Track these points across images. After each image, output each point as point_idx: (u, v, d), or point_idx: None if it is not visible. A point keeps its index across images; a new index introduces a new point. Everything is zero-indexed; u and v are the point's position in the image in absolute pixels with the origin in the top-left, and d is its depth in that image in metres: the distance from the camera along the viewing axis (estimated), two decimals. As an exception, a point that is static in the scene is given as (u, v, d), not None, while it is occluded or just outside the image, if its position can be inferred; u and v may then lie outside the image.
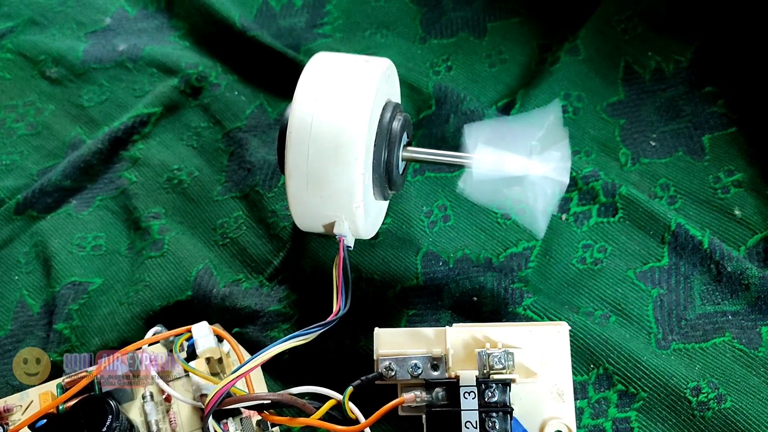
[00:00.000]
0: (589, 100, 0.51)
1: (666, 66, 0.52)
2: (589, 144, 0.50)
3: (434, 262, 0.45)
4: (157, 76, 0.57)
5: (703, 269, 0.43)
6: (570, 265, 0.45)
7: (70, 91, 0.58)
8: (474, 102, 0.50)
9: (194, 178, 0.52)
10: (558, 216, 0.47)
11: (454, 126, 0.50)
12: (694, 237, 0.44)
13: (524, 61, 0.55)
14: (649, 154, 0.49)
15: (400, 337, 0.39)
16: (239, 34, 0.56)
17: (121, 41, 0.60)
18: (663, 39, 0.53)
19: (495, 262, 0.45)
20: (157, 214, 0.50)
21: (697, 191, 0.47)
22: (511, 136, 0.39)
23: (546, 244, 0.46)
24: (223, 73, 0.56)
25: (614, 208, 0.46)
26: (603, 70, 0.52)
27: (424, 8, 0.58)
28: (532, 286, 0.44)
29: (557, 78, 0.52)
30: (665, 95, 0.51)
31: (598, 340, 0.41)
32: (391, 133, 0.40)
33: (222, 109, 0.54)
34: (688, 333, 0.42)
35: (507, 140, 0.39)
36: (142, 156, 0.53)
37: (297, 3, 0.60)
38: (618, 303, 0.43)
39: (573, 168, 0.47)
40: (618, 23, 0.53)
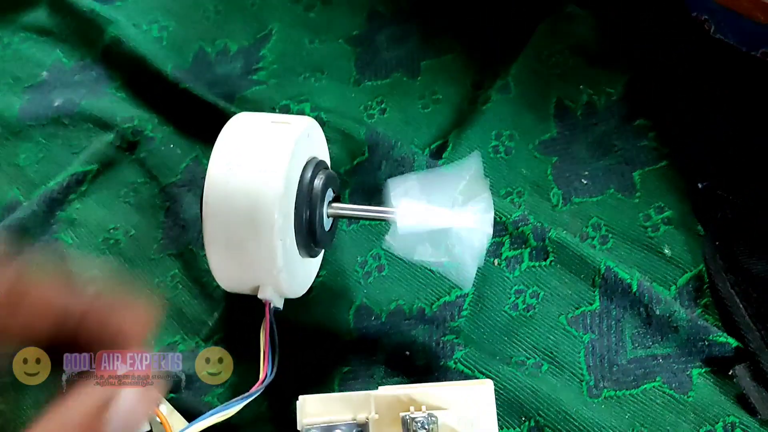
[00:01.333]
0: (521, 139, 0.51)
1: (598, 99, 0.51)
2: (521, 184, 0.49)
3: (366, 316, 0.45)
4: (93, 131, 0.57)
5: (633, 312, 0.43)
6: (503, 312, 0.45)
7: (7, 150, 0.58)
8: (404, 148, 0.50)
9: (130, 237, 0.51)
10: (491, 261, 0.46)
11: (386, 173, 0.50)
12: (623, 280, 0.43)
13: (457, 100, 0.54)
14: (580, 193, 0.48)
15: (326, 403, 0.39)
16: (172, 86, 0.56)
17: (57, 96, 0.59)
18: (594, 72, 0.52)
19: (428, 313, 0.45)
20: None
21: (627, 230, 0.46)
22: (434, 189, 0.39)
23: (479, 290, 0.46)
24: (159, 125, 0.56)
25: (545, 252, 0.46)
26: (534, 106, 0.52)
27: (358, 48, 0.58)
28: (464, 337, 0.44)
29: (488, 117, 0.52)
30: (597, 129, 0.50)
31: (529, 393, 0.41)
32: (313, 192, 0.40)
33: (158, 164, 0.54)
34: (619, 379, 0.42)
35: (430, 194, 0.39)
36: (78, 216, 0.53)
37: (232, 48, 0.60)
38: (550, 350, 0.43)
39: (503, 212, 0.47)
40: (548, 57, 0.53)
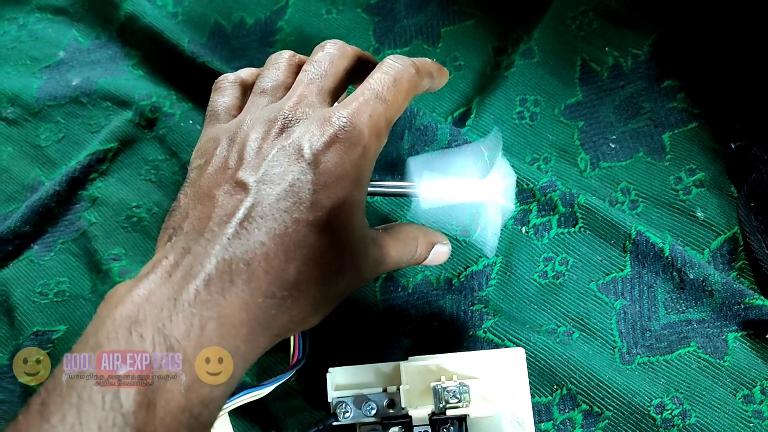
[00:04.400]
0: (546, 104, 0.50)
1: (624, 61, 0.50)
2: (548, 150, 0.48)
3: (393, 287, 0.45)
4: (111, 109, 0.56)
5: (665, 277, 0.42)
6: (531, 280, 0.44)
7: (27, 131, 0.57)
8: (427, 116, 0.49)
9: (153, 214, 0.51)
10: (518, 229, 0.46)
11: (408, 143, 0.49)
12: (655, 244, 0.42)
13: (479, 66, 0.53)
14: (608, 158, 0.47)
15: (355, 374, 0.39)
16: (189, 61, 0.55)
17: (74, 75, 0.59)
18: (620, 33, 0.51)
19: (455, 283, 0.45)
20: (117, 255, 0.50)
21: (658, 194, 0.45)
22: (455, 165, 0.39)
23: (506, 259, 0.45)
24: (177, 102, 0.55)
25: (574, 218, 0.45)
26: (559, 70, 0.51)
27: (376, 17, 0.57)
28: (492, 307, 0.43)
29: (512, 83, 0.50)
30: (624, 92, 0.49)
31: (561, 360, 0.40)
32: None
33: (178, 140, 0.54)
34: (652, 345, 0.41)
35: (451, 169, 0.39)
36: (101, 195, 0.53)
37: (248, 21, 0.59)
38: (581, 318, 0.42)
39: (530, 179, 0.46)
40: (572, 20, 0.52)
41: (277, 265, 0.30)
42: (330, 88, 0.36)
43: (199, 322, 0.28)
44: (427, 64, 0.38)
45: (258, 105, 0.36)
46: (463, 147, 0.46)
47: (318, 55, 0.37)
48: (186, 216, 0.32)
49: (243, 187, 0.32)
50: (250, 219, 0.31)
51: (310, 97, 0.35)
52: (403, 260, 0.36)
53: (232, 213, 0.31)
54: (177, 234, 0.32)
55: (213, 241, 0.30)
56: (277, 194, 0.31)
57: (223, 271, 0.29)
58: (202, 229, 0.31)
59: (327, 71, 0.36)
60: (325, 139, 0.32)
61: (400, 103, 0.35)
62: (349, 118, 0.33)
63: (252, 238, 0.30)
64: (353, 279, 0.33)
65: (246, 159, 0.33)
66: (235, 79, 0.40)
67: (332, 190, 0.32)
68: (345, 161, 0.32)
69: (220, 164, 0.34)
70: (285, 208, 0.31)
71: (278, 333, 0.32)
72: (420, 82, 0.37)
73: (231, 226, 0.30)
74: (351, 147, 0.32)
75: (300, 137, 0.32)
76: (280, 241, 0.30)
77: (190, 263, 0.30)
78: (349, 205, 0.32)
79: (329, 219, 0.32)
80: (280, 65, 0.39)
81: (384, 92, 0.34)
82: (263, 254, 0.30)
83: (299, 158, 0.32)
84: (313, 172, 0.31)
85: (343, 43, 0.38)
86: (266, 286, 0.30)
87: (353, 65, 0.38)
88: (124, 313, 0.28)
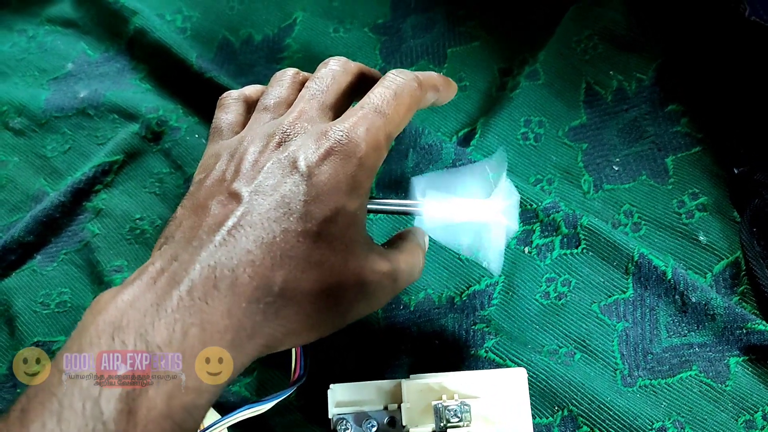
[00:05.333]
0: (550, 125, 0.50)
1: (628, 85, 0.50)
2: (551, 171, 0.49)
3: (395, 305, 0.45)
4: (118, 122, 0.57)
5: (668, 300, 0.42)
6: (534, 300, 0.44)
7: (33, 141, 0.58)
8: (432, 135, 0.50)
9: (156, 227, 0.51)
10: (521, 249, 0.46)
11: (413, 162, 0.49)
12: (657, 267, 0.43)
13: (485, 87, 0.54)
14: (612, 180, 0.48)
15: (356, 391, 0.39)
16: (197, 76, 0.56)
17: (82, 87, 0.59)
18: (624, 57, 0.51)
19: (458, 301, 0.45)
20: (120, 267, 0.50)
21: (661, 217, 0.46)
22: (459, 184, 0.39)
23: (509, 279, 0.45)
24: (184, 116, 0.56)
25: (577, 239, 0.45)
26: (564, 93, 0.51)
27: (383, 37, 0.58)
28: (494, 326, 0.43)
29: (517, 104, 0.51)
30: (628, 116, 0.50)
31: (562, 381, 0.40)
32: None
33: (183, 154, 0.54)
34: (654, 368, 0.41)
35: (455, 188, 0.39)
36: (105, 207, 0.53)
37: (256, 38, 0.59)
38: (583, 339, 0.42)
39: (534, 199, 0.46)
40: (577, 44, 0.52)
41: (263, 272, 0.30)
42: (331, 103, 0.36)
43: (181, 327, 0.28)
44: (431, 78, 0.38)
45: (260, 121, 0.37)
46: (468, 166, 0.46)
47: (321, 72, 0.38)
48: (179, 225, 0.33)
49: (236, 198, 0.32)
50: (239, 227, 0.31)
51: (310, 113, 0.35)
52: (415, 273, 0.37)
53: (221, 222, 0.31)
54: (168, 243, 0.32)
55: (200, 248, 0.30)
56: (269, 204, 0.31)
57: (207, 276, 0.29)
58: (192, 238, 0.31)
59: (329, 87, 0.37)
60: (320, 152, 0.32)
61: (400, 117, 0.35)
62: (346, 131, 0.33)
63: (239, 245, 0.30)
64: (359, 296, 0.33)
65: (242, 171, 0.33)
66: (239, 96, 0.41)
67: (325, 202, 0.32)
68: (339, 174, 0.32)
69: (217, 177, 0.34)
70: (275, 218, 0.31)
71: (266, 343, 0.31)
72: (423, 96, 0.37)
73: (219, 234, 0.31)
74: (346, 160, 0.32)
75: (296, 150, 0.33)
76: (267, 249, 0.30)
77: (176, 270, 0.30)
78: (344, 217, 0.32)
79: (321, 230, 0.32)
80: (284, 82, 0.39)
81: (383, 106, 0.34)
82: (249, 261, 0.30)
83: (293, 170, 0.32)
84: (306, 183, 0.32)
85: (346, 59, 0.38)
86: (251, 291, 0.30)
87: (356, 81, 0.38)
88: (107, 318, 0.28)
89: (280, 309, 0.31)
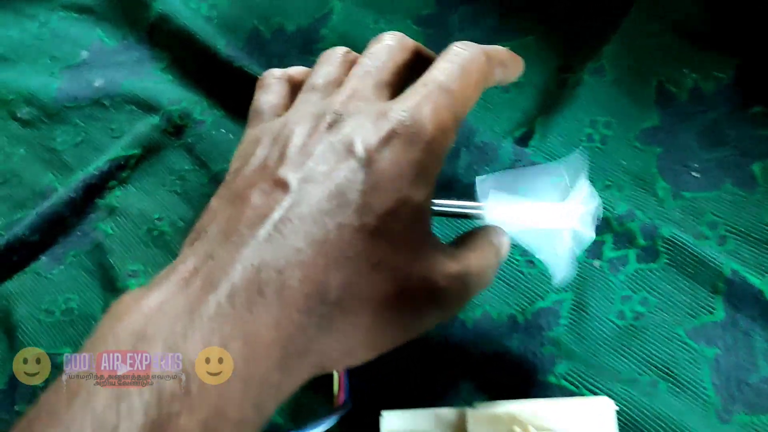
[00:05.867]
0: (619, 127, 0.45)
1: (705, 85, 0.45)
2: (621, 177, 0.43)
3: (450, 323, 0.39)
4: (136, 113, 0.52)
5: (764, 324, 0.37)
6: (607, 321, 0.39)
7: (42, 132, 0.53)
8: (487, 133, 0.45)
9: (177, 228, 0.46)
10: (590, 263, 0.40)
11: (465, 161, 0.44)
12: (752, 285, 0.37)
13: (542, 84, 0.49)
14: (692, 188, 0.42)
15: (412, 420, 0.34)
16: (225, 65, 0.51)
17: (97, 76, 0.54)
18: (700, 54, 0.46)
19: (520, 320, 0.39)
20: (135, 272, 0.44)
21: (750, 230, 0.40)
22: (529, 186, 0.34)
23: (578, 296, 0.40)
24: (209, 108, 0.51)
25: (655, 252, 0.40)
26: (634, 91, 0.46)
27: (429, 30, 0.53)
28: (564, 349, 0.38)
29: (581, 102, 0.46)
30: (706, 118, 0.44)
31: (648, 415, 0.35)
32: None
33: (208, 150, 0.49)
34: (753, 402, 0.35)
35: (524, 190, 0.34)
36: (120, 205, 0.48)
37: (289, 28, 0.55)
38: (667, 366, 0.37)
39: (606, 206, 0.41)
40: (648, 37, 0.47)
41: (316, 275, 0.25)
42: (387, 81, 0.32)
43: (220, 341, 0.23)
44: (499, 52, 0.34)
45: (307, 102, 0.32)
46: (539, 166, 0.41)
47: (374, 47, 0.33)
48: (214, 218, 0.28)
49: (282, 186, 0.27)
50: (287, 221, 0.26)
51: (365, 91, 0.31)
52: (486, 276, 0.32)
53: (266, 214, 0.26)
54: (201, 238, 0.27)
55: (241, 244, 0.25)
56: (321, 194, 0.27)
57: (250, 279, 0.24)
58: (230, 232, 0.26)
59: (384, 64, 0.32)
60: (380, 134, 0.28)
61: (468, 95, 0.31)
62: (409, 111, 0.28)
63: (287, 242, 0.25)
64: (427, 304, 0.28)
65: (288, 156, 0.28)
66: (282, 75, 0.36)
67: (386, 193, 0.27)
68: (402, 160, 0.28)
69: (258, 164, 0.29)
70: (328, 211, 0.26)
71: (319, 363, 0.27)
72: (491, 72, 0.33)
73: (264, 229, 0.26)
74: (411, 144, 0.28)
75: (351, 133, 0.28)
76: (319, 248, 0.26)
77: (212, 270, 0.25)
78: (409, 210, 0.28)
79: (381, 225, 0.27)
80: (333, 60, 0.35)
81: (449, 83, 0.30)
82: (298, 261, 0.25)
83: (349, 155, 0.28)
84: (365, 171, 0.27)
85: (402, 35, 0.34)
86: (302, 298, 0.25)
87: (414, 60, 0.34)
88: (129, 327, 0.23)
89: (335, 321, 0.26)
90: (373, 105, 0.30)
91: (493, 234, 0.33)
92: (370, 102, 0.30)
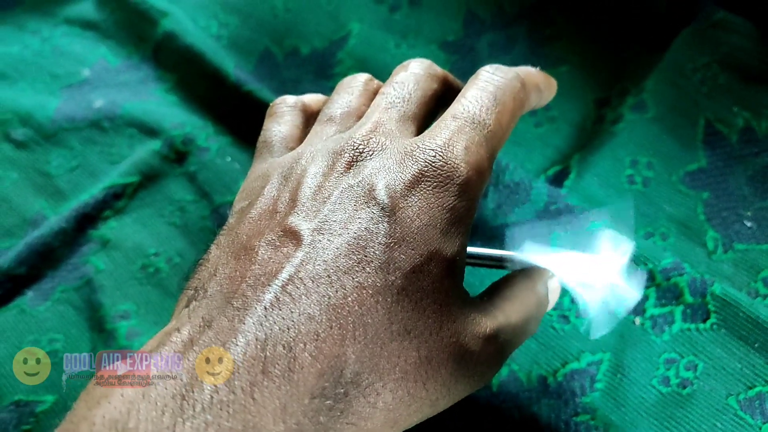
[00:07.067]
0: (662, 168, 0.41)
1: (757, 124, 0.41)
2: (665, 224, 0.39)
3: (472, 383, 0.35)
4: (136, 138, 0.48)
5: (831, 398, 0.33)
6: (650, 387, 0.34)
7: (36, 155, 0.49)
8: (519, 171, 0.41)
9: (174, 265, 0.42)
10: (630, 319, 0.36)
11: (494, 202, 0.40)
12: (817, 354, 0.33)
13: (577, 119, 0.45)
14: (744, 239, 0.38)
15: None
16: (233, 88, 0.47)
17: (98, 96, 0.51)
18: (751, 90, 0.43)
19: (551, 382, 0.35)
20: (126, 312, 0.40)
21: (812, 289, 0.36)
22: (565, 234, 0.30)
23: (617, 356, 0.35)
24: (215, 134, 0.47)
25: (705, 311, 0.35)
26: (678, 130, 0.42)
27: (454, 56, 0.49)
28: (601, 418, 0.34)
29: (621, 141, 0.42)
30: (759, 161, 0.40)
31: (698, 503, 0.30)
32: None
33: (211, 179, 0.45)
34: (819, 491, 0.31)
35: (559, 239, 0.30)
36: (114, 237, 0.44)
37: (304, 51, 0.51)
38: (719, 443, 0.33)
39: (647, 256, 0.37)
40: (693, 72, 0.43)
41: (330, 348, 0.22)
42: (414, 114, 0.28)
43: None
44: (532, 75, 0.30)
45: (323, 135, 0.29)
46: (578, 216, 0.37)
47: (400, 76, 0.30)
48: (214, 274, 0.24)
49: (294, 237, 0.23)
50: (298, 281, 0.22)
51: (388, 125, 0.27)
52: (529, 326, 0.28)
53: (274, 272, 0.23)
54: (198, 297, 0.23)
55: (244, 311, 0.22)
56: (337, 249, 0.23)
57: (253, 356, 0.21)
58: (232, 293, 0.23)
59: (411, 94, 0.29)
60: (406, 177, 0.24)
61: (504, 127, 0.27)
62: (439, 150, 0.25)
63: (297, 307, 0.22)
64: (455, 375, 0.24)
65: (301, 201, 0.25)
66: (296, 103, 0.32)
67: (414, 246, 0.23)
68: (433, 206, 0.24)
69: (267, 207, 0.26)
70: (346, 269, 0.23)
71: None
72: (527, 99, 0.29)
73: (270, 291, 0.22)
74: (442, 188, 0.24)
75: (373, 174, 0.25)
76: (335, 315, 0.22)
77: (209, 343, 0.21)
78: (439, 265, 0.24)
79: (407, 285, 0.23)
80: (353, 89, 0.31)
81: (483, 115, 0.26)
82: (311, 333, 0.21)
83: (370, 201, 0.24)
84: (388, 221, 0.24)
85: (431, 62, 0.31)
86: (314, 379, 0.21)
87: (443, 90, 0.30)
88: (107, 414, 0.19)
89: (352, 402, 0.22)
90: (398, 142, 0.26)
91: (538, 278, 0.29)
92: (394, 138, 0.27)
